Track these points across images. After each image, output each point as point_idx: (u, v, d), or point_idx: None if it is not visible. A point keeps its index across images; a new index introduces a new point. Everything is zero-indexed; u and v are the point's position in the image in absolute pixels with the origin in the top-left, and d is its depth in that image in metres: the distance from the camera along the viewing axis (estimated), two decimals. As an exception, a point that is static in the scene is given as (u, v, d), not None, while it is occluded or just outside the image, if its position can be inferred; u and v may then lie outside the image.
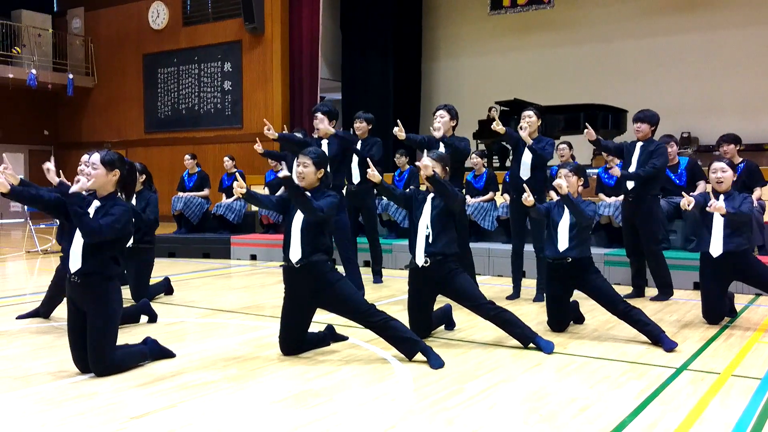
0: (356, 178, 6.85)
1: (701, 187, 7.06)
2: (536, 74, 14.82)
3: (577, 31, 14.70)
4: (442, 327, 4.96)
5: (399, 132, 5.78)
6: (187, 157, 10.30)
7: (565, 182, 4.75)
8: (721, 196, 5.04)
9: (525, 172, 6.03)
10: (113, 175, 3.88)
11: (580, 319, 5.16)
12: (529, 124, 5.99)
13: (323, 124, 6.20)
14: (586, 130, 6.10)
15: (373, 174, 4.44)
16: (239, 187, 4.00)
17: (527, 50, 15.11)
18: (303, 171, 4.19)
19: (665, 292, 6.18)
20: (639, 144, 6.12)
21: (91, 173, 3.85)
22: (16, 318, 5.37)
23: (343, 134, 6.50)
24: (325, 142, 6.33)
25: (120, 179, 3.94)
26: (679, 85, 13.63)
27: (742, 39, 13.12)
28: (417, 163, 4.53)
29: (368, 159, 4.73)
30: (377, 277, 7.39)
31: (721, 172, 5.04)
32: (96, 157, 3.88)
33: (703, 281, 5.18)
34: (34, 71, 16.15)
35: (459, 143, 5.82)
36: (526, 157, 6.02)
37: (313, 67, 14.67)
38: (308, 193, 4.09)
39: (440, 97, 15.77)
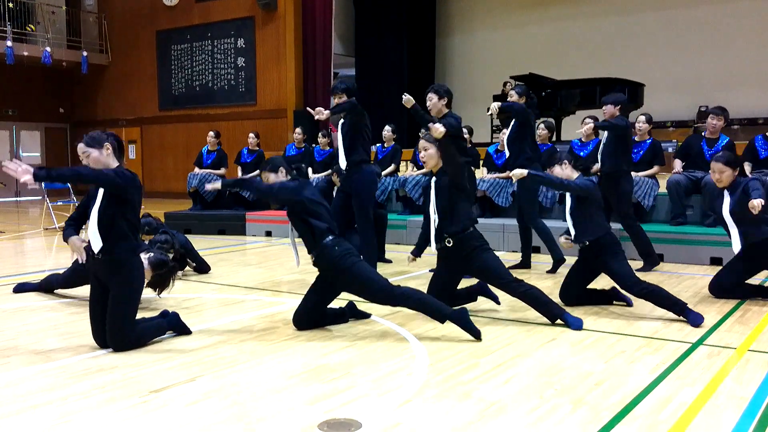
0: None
1: None
2: (552, 48, 14.64)
3: (593, 3, 14.49)
4: (469, 305, 4.91)
5: (407, 101, 5.58)
6: (211, 133, 10.36)
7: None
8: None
9: (507, 150, 6.32)
10: (106, 149, 3.88)
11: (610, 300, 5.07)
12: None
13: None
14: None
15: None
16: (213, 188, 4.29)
17: (542, 24, 14.93)
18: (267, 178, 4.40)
19: (649, 262, 6.22)
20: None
21: (89, 160, 3.87)
22: (13, 290, 5.53)
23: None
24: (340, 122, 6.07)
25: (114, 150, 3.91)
26: (697, 58, 13.41)
27: (762, 10, 12.86)
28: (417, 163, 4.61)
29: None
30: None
31: (719, 174, 4.91)
32: (81, 146, 3.93)
33: (734, 258, 5.14)
34: (48, 49, 16.18)
35: (446, 120, 5.34)
36: (503, 134, 6.25)
37: (327, 43, 14.58)
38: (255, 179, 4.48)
39: (454, 71, 15.67)
